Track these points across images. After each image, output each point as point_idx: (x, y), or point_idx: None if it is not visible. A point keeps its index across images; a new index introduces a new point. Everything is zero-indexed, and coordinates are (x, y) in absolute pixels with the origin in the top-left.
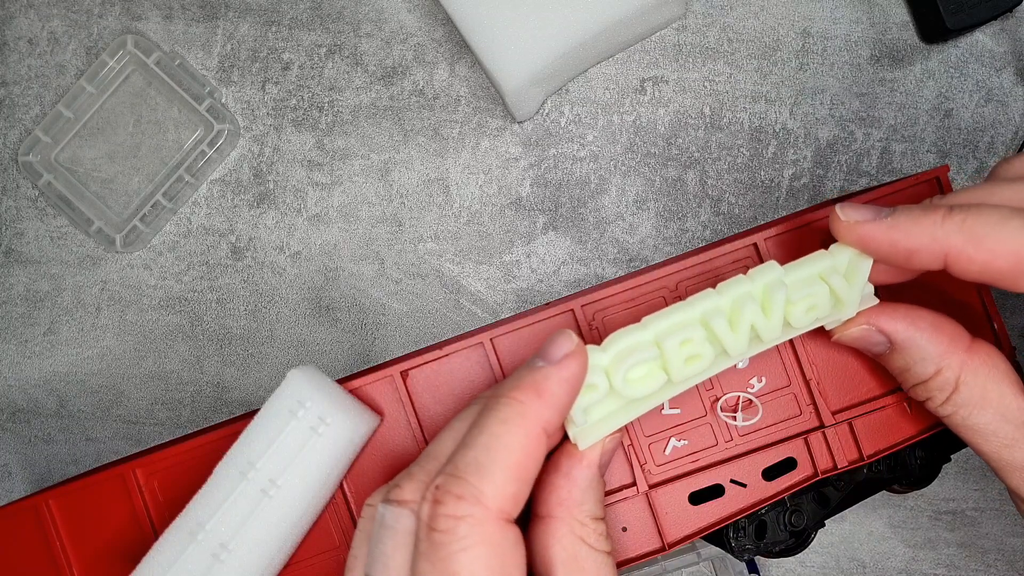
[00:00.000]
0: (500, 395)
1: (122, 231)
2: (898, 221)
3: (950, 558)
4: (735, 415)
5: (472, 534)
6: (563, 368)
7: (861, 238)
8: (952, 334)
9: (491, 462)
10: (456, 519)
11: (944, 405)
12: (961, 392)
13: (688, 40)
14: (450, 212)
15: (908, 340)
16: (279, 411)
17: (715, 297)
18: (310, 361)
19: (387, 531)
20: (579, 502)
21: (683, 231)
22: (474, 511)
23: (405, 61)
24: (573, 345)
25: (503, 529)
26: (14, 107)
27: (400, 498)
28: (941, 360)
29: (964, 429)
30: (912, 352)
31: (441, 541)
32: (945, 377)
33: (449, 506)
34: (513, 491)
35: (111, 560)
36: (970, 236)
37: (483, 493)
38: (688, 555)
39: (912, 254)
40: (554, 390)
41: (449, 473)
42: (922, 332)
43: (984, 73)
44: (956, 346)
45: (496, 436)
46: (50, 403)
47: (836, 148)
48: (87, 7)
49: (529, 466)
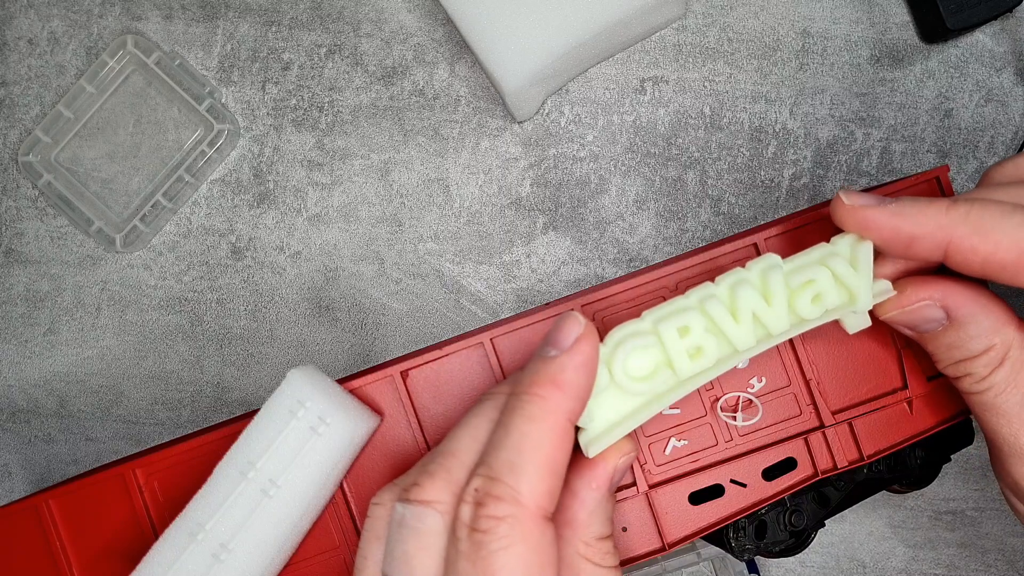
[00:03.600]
0: (521, 392)
1: (122, 231)
2: (902, 208)
3: (950, 558)
4: (735, 415)
5: (512, 533)
6: (577, 353)
7: (863, 222)
8: (1005, 308)
9: (524, 461)
10: (498, 519)
11: (983, 382)
12: (1005, 368)
13: (688, 40)
14: (450, 212)
15: (969, 315)
16: (279, 411)
17: (711, 287)
18: (310, 361)
19: (408, 531)
20: (585, 524)
21: (683, 231)
22: (514, 511)
23: (405, 61)
24: (582, 327)
25: (541, 527)
26: (14, 107)
27: (421, 497)
28: (995, 335)
29: (990, 408)
30: (970, 327)
31: (482, 540)
32: (996, 353)
33: (491, 507)
34: (548, 487)
35: (111, 560)
36: (976, 226)
37: (520, 493)
38: (688, 555)
39: (914, 241)
40: (573, 379)
41: (485, 475)
42: (983, 307)
43: (984, 73)
44: (1010, 321)
45: (525, 435)
46: (50, 403)
47: (836, 148)
48: (87, 7)
49: (560, 459)
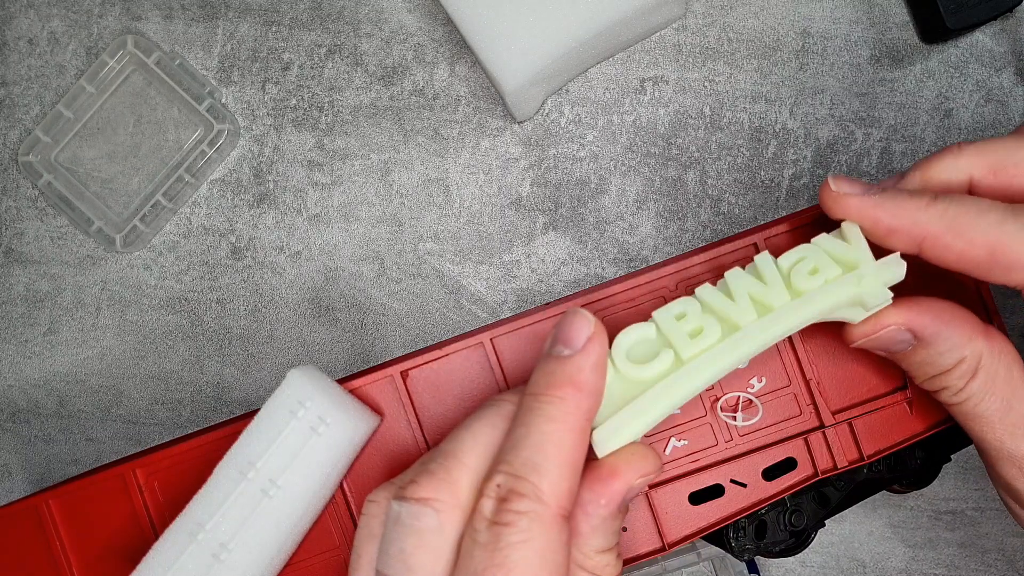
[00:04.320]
0: (539, 393)
1: (122, 231)
2: (884, 200)
3: (950, 558)
4: (735, 415)
5: (532, 528)
6: (591, 352)
7: (846, 209)
8: (971, 321)
9: (545, 460)
10: (519, 514)
11: (960, 393)
12: (979, 378)
13: (688, 40)
14: (450, 212)
15: (935, 334)
16: (279, 411)
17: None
18: (310, 361)
19: (404, 528)
20: (587, 536)
21: (683, 231)
22: (536, 507)
23: (405, 61)
24: (592, 325)
25: (560, 525)
26: (14, 107)
27: (420, 495)
28: (964, 348)
29: (972, 417)
30: (938, 344)
31: (502, 533)
32: (968, 365)
33: (514, 503)
34: (568, 485)
35: (111, 560)
36: (950, 225)
37: (542, 491)
38: (688, 555)
39: (891, 233)
40: (590, 379)
41: (508, 473)
42: (947, 324)
43: (984, 73)
44: (976, 333)
45: (546, 435)
46: (50, 403)
47: (836, 148)
48: (87, 7)
49: (579, 458)
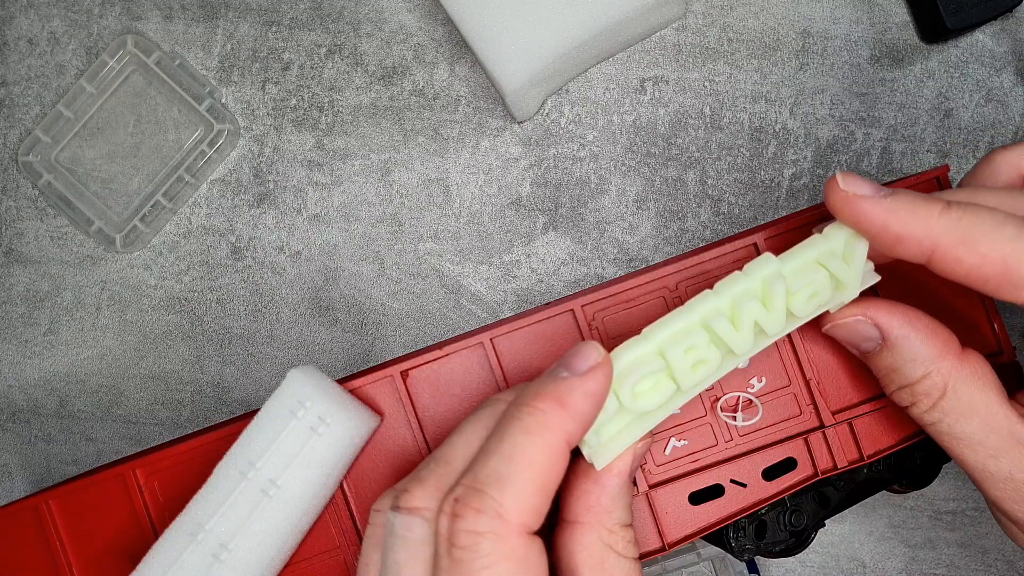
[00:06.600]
0: (522, 403)
1: (122, 231)
2: (896, 205)
3: (950, 558)
4: (735, 415)
5: (495, 551)
6: (588, 380)
7: (855, 213)
8: (946, 339)
9: (512, 474)
10: (477, 535)
11: (930, 412)
12: (948, 399)
13: (688, 40)
14: (450, 212)
15: (902, 338)
16: (279, 411)
17: (714, 298)
18: (310, 361)
19: (397, 539)
20: (608, 509)
21: (683, 231)
22: (495, 526)
23: (405, 61)
24: (600, 357)
25: (526, 543)
26: (14, 107)
27: (410, 505)
28: (931, 364)
29: (948, 438)
30: (904, 351)
31: (463, 558)
32: (933, 381)
33: (469, 520)
34: (535, 504)
35: (111, 560)
36: (963, 237)
37: (503, 506)
38: (688, 555)
39: (900, 241)
40: (578, 403)
41: (468, 485)
42: (917, 332)
43: (984, 73)
44: (948, 351)
45: (518, 446)
46: (50, 403)
47: (836, 148)
48: (87, 7)
49: (551, 478)
